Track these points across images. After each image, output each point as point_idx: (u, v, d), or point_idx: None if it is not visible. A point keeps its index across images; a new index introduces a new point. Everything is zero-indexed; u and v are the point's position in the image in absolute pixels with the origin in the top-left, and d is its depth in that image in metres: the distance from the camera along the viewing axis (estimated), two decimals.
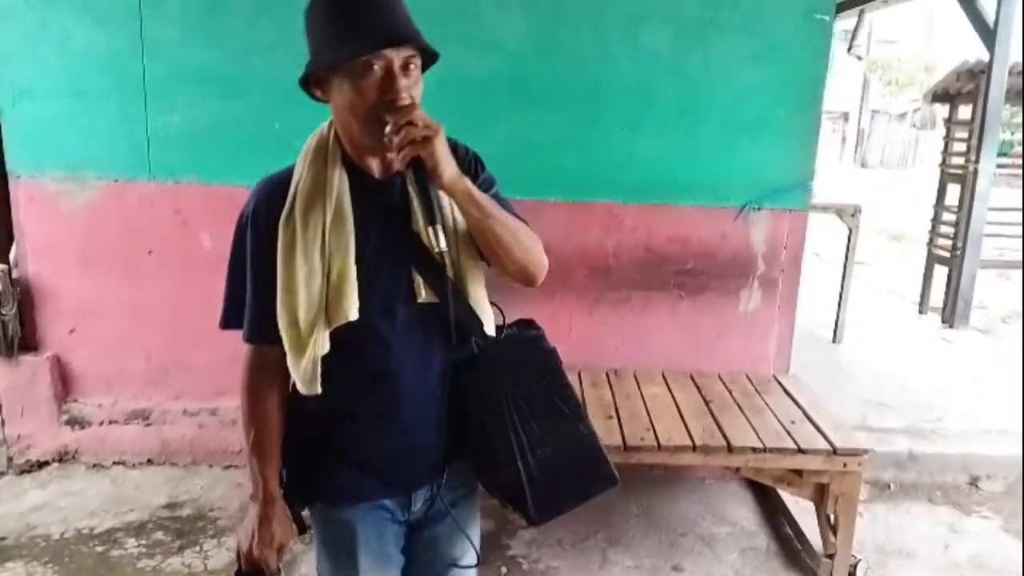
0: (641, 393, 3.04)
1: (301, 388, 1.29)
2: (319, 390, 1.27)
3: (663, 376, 3.24)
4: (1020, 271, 5.78)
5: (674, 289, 3.36)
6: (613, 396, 3.00)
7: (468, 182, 1.23)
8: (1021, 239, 5.65)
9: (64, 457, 3.39)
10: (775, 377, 3.30)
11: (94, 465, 3.38)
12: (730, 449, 2.62)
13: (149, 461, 3.41)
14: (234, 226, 1.32)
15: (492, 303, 1.44)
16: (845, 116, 26.55)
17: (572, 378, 3.05)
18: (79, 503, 3.09)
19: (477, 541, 1.56)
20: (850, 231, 4.92)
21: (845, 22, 8.40)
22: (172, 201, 3.24)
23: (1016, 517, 3.23)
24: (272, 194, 1.28)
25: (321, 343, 1.25)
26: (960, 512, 3.28)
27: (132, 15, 3.06)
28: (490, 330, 1.40)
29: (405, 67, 1.19)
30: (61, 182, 3.20)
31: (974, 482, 3.52)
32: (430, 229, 1.22)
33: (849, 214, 4.94)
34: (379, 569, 1.45)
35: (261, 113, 3.09)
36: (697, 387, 3.14)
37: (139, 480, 3.29)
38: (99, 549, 2.78)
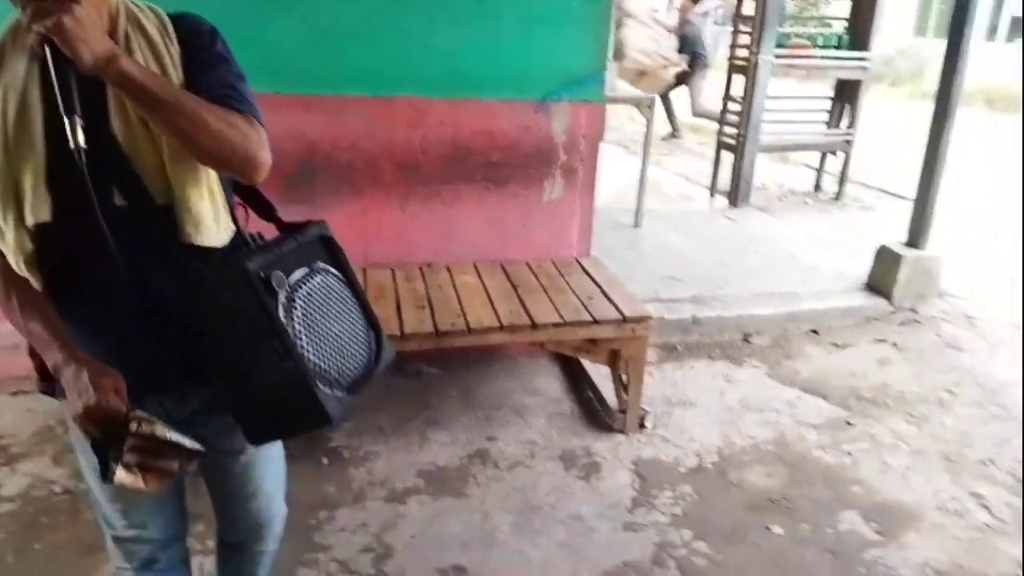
0: (453, 283, 3.17)
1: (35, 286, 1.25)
2: (40, 288, 1.25)
3: (474, 266, 3.38)
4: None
5: (481, 182, 3.46)
6: (426, 288, 3.11)
7: (127, 66, 1.09)
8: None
9: None
10: (577, 260, 3.56)
11: None
12: (534, 326, 2.84)
13: None
14: None
15: (240, 203, 1.40)
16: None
17: (385, 275, 3.15)
18: None
19: (271, 460, 1.61)
20: (647, 122, 5.25)
21: None
22: None
23: (779, 365, 3.80)
24: None
25: (21, 243, 1.20)
26: (734, 365, 3.79)
27: None
28: (214, 237, 1.30)
29: None
30: None
31: (746, 338, 4.06)
32: (66, 121, 1.07)
33: (646, 105, 5.25)
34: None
35: None
36: (506, 274, 3.32)
37: None
38: None
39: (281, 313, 1.26)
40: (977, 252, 5.58)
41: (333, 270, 1.40)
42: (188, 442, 1.28)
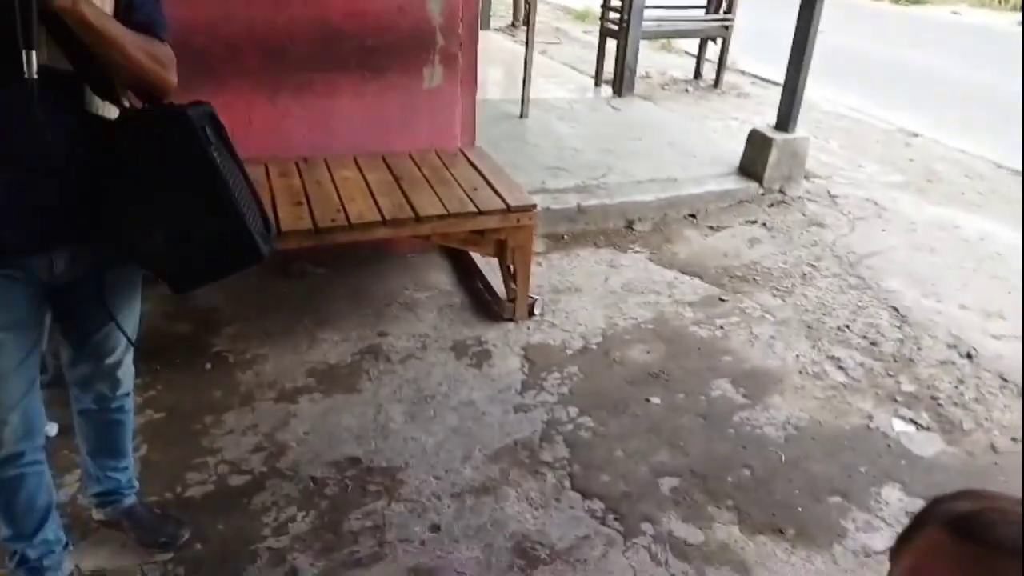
0: (332, 178, 3.05)
1: None
2: None
3: (355, 160, 3.25)
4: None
5: (357, 70, 3.27)
6: (303, 183, 2.97)
7: (87, 10, 1.23)
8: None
9: None
10: (461, 151, 3.49)
11: None
12: (418, 219, 2.79)
13: None
14: None
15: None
16: None
17: (259, 171, 2.98)
18: None
19: (133, 312, 1.68)
20: (527, 8, 5.09)
21: None
22: None
23: (660, 249, 3.95)
24: None
25: None
26: (618, 251, 3.91)
27: None
28: (111, 112, 1.42)
29: None
30: None
31: (630, 225, 4.17)
32: (24, 54, 1.18)
33: None
34: (9, 332, 1.47)
35: None
36: (389, 167, 3.21)
37: None
38: None
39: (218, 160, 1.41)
40: (840, 134, 5.91)
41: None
42: None
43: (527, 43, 5.14)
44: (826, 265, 3.84)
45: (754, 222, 4.28)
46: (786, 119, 4.52)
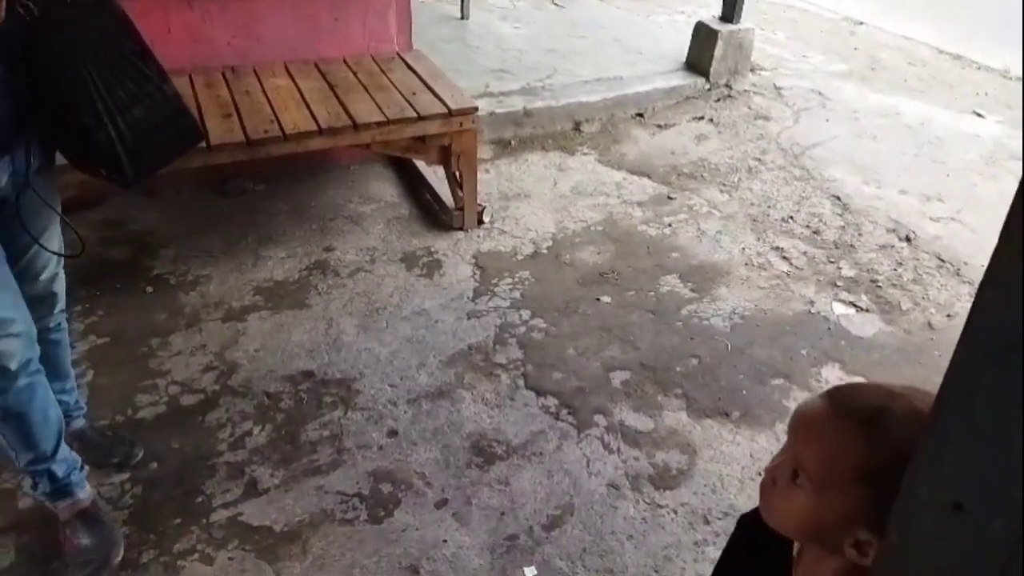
0: (263, 87, 2.90)
1: None
2: None
3: (285, 67, 3.09)
4: None
5: None
6: (231, 94, 2.82)
7: None
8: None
9: None
10: (399, 54, 3.34)
11: None
12: (355, 127, 2.70)
13: None
14: None
15: None
16: None
17: (182, 83, 2.82)
18: None
19: (55, 224, 1.66)
20: None
21: None
22: None
23: (608, 150, 3.91)
24: None
25: None
26: (566, 154, 3.86)
27: None
28: None
29: None
30: None
31: (577, 127, 4.11)
32: None
33: None
34: None
35: None
36: (322, 74, 3.07)
37: None
38: None
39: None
40: (786, 24, 5.83)
41: None
42: None
43: None
44: (771, 158, 3.85)
45: (701, 118, 4.25)
46: (731, 10, 4.43)
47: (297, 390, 2.29)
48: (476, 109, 2.90)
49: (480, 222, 3.17)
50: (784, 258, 3.07)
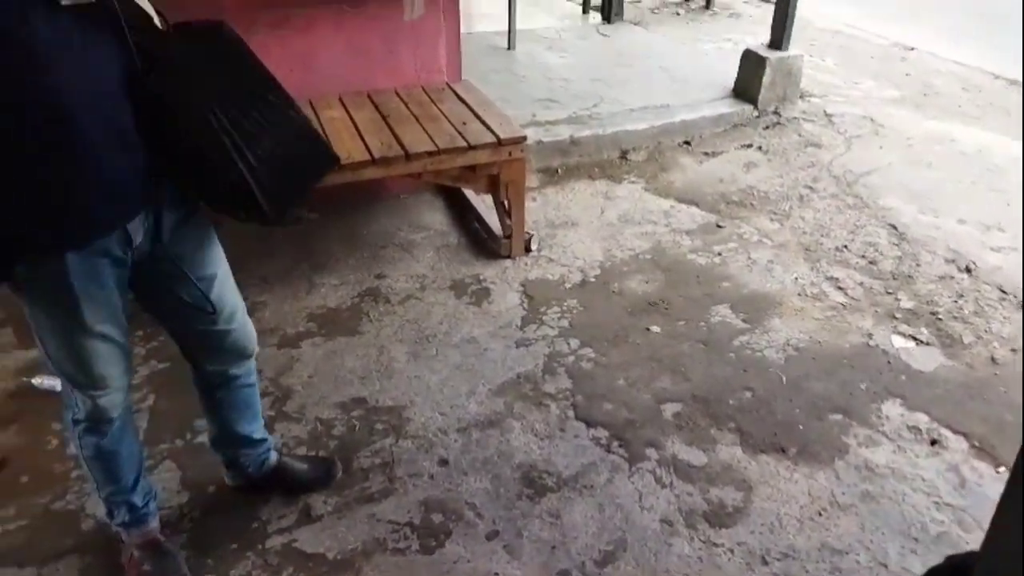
0: (319, 119, 2.98)
1: None
2: None
3: (340, 99, 3.17)
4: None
5: (335, 3, 3.17)
6: None
7: None
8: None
9: None
10: (448, 85, 3.40)
11: None
12: (408, 157, 2.74)
13: None
14: None
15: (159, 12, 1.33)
16: None
17: None
18: None
19: (219, 253, 1.61)
20: None
21: None
22: None
23: (655, 178, 3.91)
24: None
25: None
26: (613, 182, 3.86)
27: None
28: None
29: None
30: None
31: (624, 155, 4.11)
32: None
33: None
34: (106, 318, 1.42)
35: None
36: (375, 105, 3.14)
37: None
38: None
39: None
40: (835, 51, 5.77)
41: None
42: None
43: None
44: (823, 186, 3.80)
45: (749, 146, 4.22)
46: (780, 37, 4.41)
47: (349, 417, 2.31)
48: (525, 138, 2.93)
49: (528, 250, 3.18)
50: (839, 288, 3.01)
